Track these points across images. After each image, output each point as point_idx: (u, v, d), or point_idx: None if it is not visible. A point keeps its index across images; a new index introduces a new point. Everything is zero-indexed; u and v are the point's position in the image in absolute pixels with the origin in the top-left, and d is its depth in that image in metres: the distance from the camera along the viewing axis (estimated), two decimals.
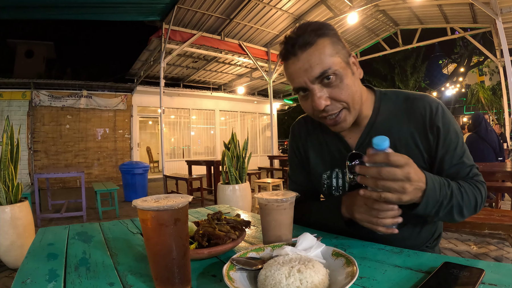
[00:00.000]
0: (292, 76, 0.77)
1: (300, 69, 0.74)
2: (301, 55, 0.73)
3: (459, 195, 0.74)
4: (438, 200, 0.70)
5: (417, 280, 0.53)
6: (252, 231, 0.93)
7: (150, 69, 10.00)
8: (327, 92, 0.75)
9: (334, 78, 0.73)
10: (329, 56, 0.73)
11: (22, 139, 8.50)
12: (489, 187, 3.50)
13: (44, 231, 0.96)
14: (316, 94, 0.74)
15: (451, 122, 0.80)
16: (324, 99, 0.74)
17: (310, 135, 0.98)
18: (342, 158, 0.88)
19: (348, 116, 0.78)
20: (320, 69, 0.72)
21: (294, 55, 0.75)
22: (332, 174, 0.91)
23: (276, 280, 0.48)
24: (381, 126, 0.84)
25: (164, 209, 0.51)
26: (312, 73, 0.73)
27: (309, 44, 0.73)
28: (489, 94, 15.65)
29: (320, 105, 0.74)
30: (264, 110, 13.85)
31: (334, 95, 0.75)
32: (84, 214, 4.42)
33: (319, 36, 0.74)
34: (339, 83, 0.74)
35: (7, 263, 2.66)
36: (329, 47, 0.74)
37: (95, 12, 6.25)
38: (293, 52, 0.74)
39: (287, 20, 8.56)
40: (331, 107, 0.76)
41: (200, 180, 5.50)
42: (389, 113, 0.84)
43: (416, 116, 0.81)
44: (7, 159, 2.63)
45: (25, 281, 0.58)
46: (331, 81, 0.74)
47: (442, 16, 8.47)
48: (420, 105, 0.81)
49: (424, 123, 0.80)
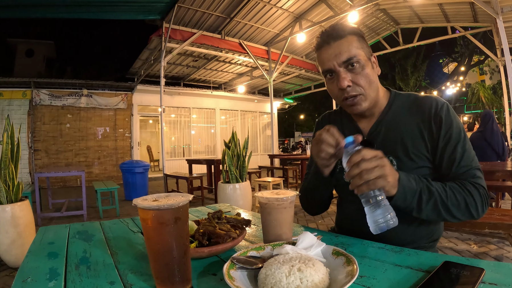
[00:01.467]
0: (323, 60, 0.90)
1: (331, 54, 0.88)
2: (333, 44, 0.88)
3: (443, 192, 0.78)
4: (415, 190, 0.76)
5: (417, 279, 0.53)
6: (253, 230, 0.93)
7: (151, 68, 9.99)
8: (350, 76, 0.88)
9: (357, 65, 0.87)
10: (355, 48, 0.88)
11: (22, 138, 8.50)
12: (490, 187, 3.50)
13: (44, 230, 0.96)
14: (341, 75, 0.88)
15: (455, 119, 0.88)
16: (347, 80, 0.87)
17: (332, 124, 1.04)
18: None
19: (363, 102, 0.90)
20: (347, 56, 0.87)
21: (327, 44, 0.89)
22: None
23: (277, 279, 0.49)
24: (391, 117, 0.94)
25: (165, 208, 0.51)
26: (341, 58, 0.87)
27: (340, 37, 0.88)
28: (490, 93, 15.63)
29: (344, 84, 0.87)
30: (264, 109, 13.84)
31: (355, 79, 0.88)
32: (85, 213, 4.43)
33: (350, 33, 0.89)
34: (361, 70, 0.88)
35: (8, 262, 2.66)
36: (356, 42, 0.89)
37: (95, 10, 6.23)
38: (327, 42, 0.89)
39: (288, 19, 8.55)
40: (351, 89, 0.88)
41: (200, 179, 5.50)
42: (400, 108, 0.94)
43: (423, 109, 0.90)
44: (7, 158, 2.63)
45: (25, 280, 0.58)
46: (355, 68, 0.87)
47: (443, 15, 8.45)
48: (428, 100, 0.91)
49: (429, 114, 0.88)
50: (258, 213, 1.05)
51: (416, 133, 0.89)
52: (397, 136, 0.90)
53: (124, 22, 20.64)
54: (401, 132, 0.90)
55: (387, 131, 0.93)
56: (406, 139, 0.89)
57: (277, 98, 14.08)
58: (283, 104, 14.88)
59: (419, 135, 0.89)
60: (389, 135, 0.92)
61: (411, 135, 0.89)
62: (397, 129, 0.91)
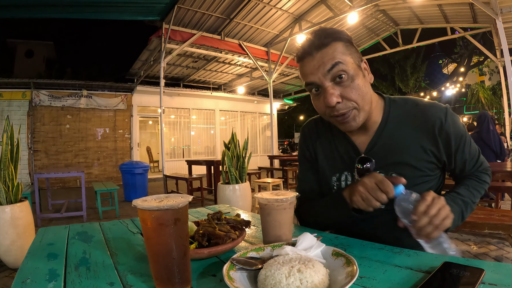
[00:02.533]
0: (306, 73, 0.81)
1: (314, 66, 0.79)
2: (316, 54, 0.78)
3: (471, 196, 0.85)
4: (460, 212, 0.80)
5: (417, 280, 0.53)
6: (252, 231, 0.93)
7: (150, 69, 10.00)
8: (338, 90, 0.78)
9: (345, 77, 0.77)
10: (341, 54, 0.78)
11: (22, 139, 8.50)
12: (489, 187, 3.50)
13: (44, 231, 0.96)
14: (328, 91, 0.78)
15: (459, 126, 0.86)
16: (336, 96, 0.78)
17: (320, 137, 0.99)
18: (351, 161, 0.90)
19: (357, 116, 0.81)
20: (331, 63, 0.77)
21: (310, 55, 0.80)
22: (341, 177, 0.93)
23: (276, 279, 0.48)
24: (391, 131, 0.87)
25: (164, 209, 0.51)
26: (325, 68, 0.77)
27: (324, 45, 0.78)
28: (489, 94, 15.64)
29: (332, 101, 0.77)
30: (264, 109, 13.85)
31: (345, 94, 0.78)
32: (84, 214, 4.42)
33: (334, 39, 0.79)
34: (350, 82, 0.78)
35: (7, 263, 2.66)
36: (342, 48, 0.79)
37: (95, 11, 6.24)
38: (309, 52, 0.79)
39: (287, 20, 8.56)
40: (342, 105, 0.79)
41: (200, 180, 5.50)
42: (399, 119, 0.87)
43: (426, 123, 0.84)
44: (7, 159, 2.63)
45: (25, 281, 0.58)
46: (343, 80, 0.78)
47: (442, 16, 8.46)
48: (431, 113, 0.84)
49: (433, 131, 0.84)
50: (257, 214, 1.05)
51: (418, 147, 0.85)
52: (397, 151, 0.85)
53: (124, 23, 20.69)
54: (401, 147, 0.85)
55: (386, 146, 0.86)
56: (408, 154, 0.84)
57: (277, 99, 14.09)
58: (282, 105, 14.88)
59: (421, 148, 0.85)
60: (388, 150, 0.86)
61: (413, 150, 0.85)
62: (397, 143, 0.86)
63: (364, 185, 0.72)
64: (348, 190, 0.80)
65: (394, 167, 0.85)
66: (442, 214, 0.67)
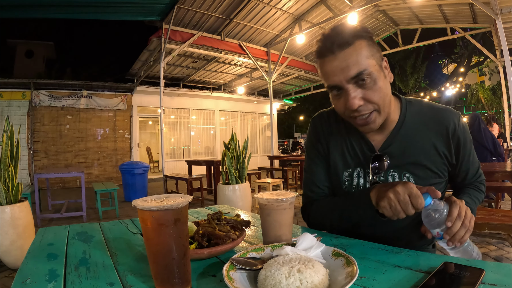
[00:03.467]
0: (328, 74, 0.78)
1: (337, 67, 0.75)
2: (339, 54, 0.75)
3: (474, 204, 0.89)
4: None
5: (417, 280, 0.53)
6: (252, 231, 0.93)
7: (150, 69, 10.00)
8: (360, 93, 0.77)
9: (368, 79, 0.75)
10: (366, 58, 0.75)
11: (22, 139, 8.50)
12: (489, 187, 3.50)
13: (44, 231, 0.96)
14: (350, 94, 0.76)
15: (468, 133, 0.89)
16: (358, 99, 0.76)
17: (333, 131, 0.96)
18: (365, 158, 0.90)
19: (377, 118, 0.81)
20: (357, 70, 0.74)
21: (332, 53, 0.76)
22: (354, 173, 0.91)
23: (276, 280, 0.48)
24: (408, 131, 0.87)
25: (164, 209, 0.51)
26: (349, 73, 0.74)
27: (348, 44, 0.74)
28: (489, 94, 15.65)
29: (354, 105, 0.76)
30: (264, 110, 13.85)
31: (367, 96, 0.77)
32: (84, 214, 4.42)
33: (357, 37, 0.75)
34: (373, 85, 0.76)
35: (7, 263, 2.66)
36: (365, 49, 0.76)
37: (95, 11, 6.24)
38: (331, 50, 0.76)
39: (287, 20, 8.56)
40: (363, 108, 0.78)
41: (200, 180, 5.50)
42: (415, 120, 0.88)
43: (441, 126, 0.86)
44: (7, 159, 2.63)
45: (25, 281, 0.58)
46: (366, 83, 0.76)
47: (442, 16, 8.47)
48: (445, 116, 0.87)
49: (447, 134, 0.86)
50: (257, 214, 1.05)
51: (433, 150, 0.86)
52: (412, 152, 0.86)
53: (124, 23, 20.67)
54: (416, 148, 0.86)
55: (401, 147, 0.86)
56: (423, 155, 0.85)
57: (277, 99, 14.09)
58: (282, 105, 14.88)
59: (435, 151, 0.86)
60: (403, 150, 0.86)
61: (427, 151, 0.86)
62: (412, 145, 0.86)
63: (396, 195, 0.67)
64: (375, 192, 0.75)
65: (408, 167, 0.85)
66: (469, 215, 0.69)
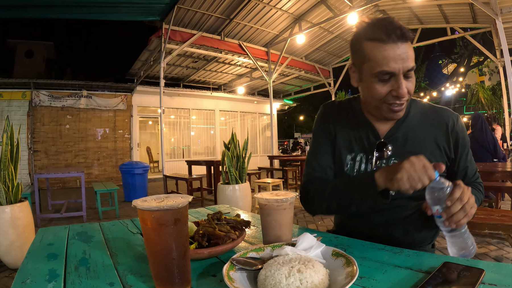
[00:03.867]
0: (387, 59, 0.81)
1: (400, 56, 0.80)
2: (402, 44, 0.80)
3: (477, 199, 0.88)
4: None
5: (417, 280, 0.53)
6: (252, 231, 0.93)
7: (150, 69, 10.00)
8: (406, 84, 0.84)
9: (412, 75, 0.84)
10: (413, 55, 0.84)
11: (22, 139, 8.50)
12: (489, 187, 3.50)
13: (44, 231, 0.96)
14: (403, 83, 0.83)
15: (465, 133, 0.95)
16: (406, 90, 0.84)
17: (341, 118, 1.01)
18: (370, 144, 0.94)
19: (404, 109, 0.89)
20: (413, 64, 0.82)
21: (393, 42, 0.80)
22: (357, 157, 0.95)
23: (276, 280, 0.48)
24: (411, 123, 0.93)
25: (164, 209, 0.51)
26: (408, 65, 0.81)
27: (407, 38, 0.81)
28: (489, 94, 15.64)
29: (405, 94, 0.83)
30: (264, 110, 13.85)
31: (409, 88, 0.85)
32: (84, 214, 4.42)
33: (411, 38, 0.83)
34: (412, 79, 0.85)
35: (7, 263, 2.66)
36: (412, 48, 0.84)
37: (95, 11, 6.24)
38: (393, 39, 0.80)
39: (287, 20, 8.56)
40: (405, 98, 0.85)
41: (200, 180, 5.49)
42: (419, 114, 0.95)
43: (441, 122, 0.93)
44: (7, 159, 2.63)
45: (25, 281, 0.58)
46: (411, 76, 0.84)
47: (442, 16, 8.47)
48: (445, 115, 0.94)
49: (447, 129, 0.92)
50: (257, 214, 1.05)
51: (433, 143, 0.91)
52: (415, 142, 0.91)
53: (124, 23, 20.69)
54: (418, 140, 0.91)
55: (405, 136, 0.92)
56: (424, 148, 0.90)
57: (277, 99, 14.08)
58: (282, 105, 14.88)
59: (436, 145, 0.91)
60: (406, 140, 0.92)
61: (428, 145, 0.91)
62: (414, 137, 0.92)
63: (413, 165, 0.69)
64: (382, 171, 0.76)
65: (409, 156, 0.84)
66: (471, 202, 0.69)
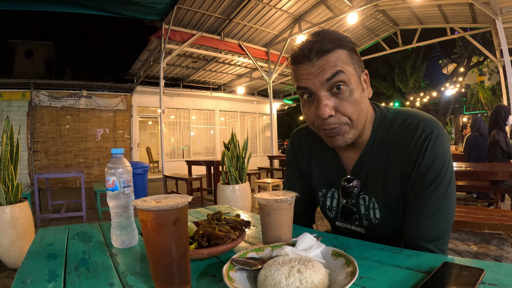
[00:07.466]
0: (300, 76, 0.72)
1: (312, 74, 0.70)
2: (316, 61, 0.70)
3: None
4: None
5: (417, 280, 0.53)
6: (252, 231, 0.93)
7: (150, 69, 9.99)
8: (333, 102, 0.71)
9: (344, 88, 0.70)
10: (344, 63, 0.70)
11: (22, 139, 8.50)
12: (489, 187, 3.50)
13: (44, 231, 0.96)
14: (323, 101, 0.70)
15: (440, 154, 0.71)
16: (330, 108, 0.70)
17: (313, 150, 0.95)
18: (339, 178, 0.87)
19: (347, 133, 0.74)
20: (332, 72, 0.69)
21: (308, 60, 0.71)
22: (328, 193, 0.91)
23: (276, 280, 0.48)
24: (376, 153, 0.79)
25: (164, 209, 0.51)
26: (324, 75, 0.69)
27: (326, 52, 0.69)
28: (489, 94, 15.66)
29: (325, 113, 0.70)
30: (264, 110, 13.85)
31: (340, 107, 0.71)
32: (84, 214, 4.42)
33: (338, 46, 0.70)
34: (348, 96, 0.71)
35: (7, 263, 2.66)
36: (345, 57, 0.71)
37: (94, 6, 6.18)
38: (308, 57, 0.70)
39: (287, 20, 8.56)
40: (334, 119, 0.72)
41: (200, 180, 5.49)
42: (385, 138, 0.78)
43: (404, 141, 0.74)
44: (7, 159, 2.63)
45: (25, 281, 0.58)
46: (341, 92, 0.70)
47: (442, 16, 8.47)
48: (412, 128, 0.74)
49: (408, 148, 0.73)
50: (257, 214, 1.05)
51: (397, 172, 0.75)
52: (378, 176, 0.78)
53: (124, 24, 20.70)
54: (382, 171, 0.77)
55: (369, 168, 0.80)
56: (387, 179, 0.77)
57: (277, 99, 14.09)
58: (282, 106, 14.88)
59: (399, 174, 0.75)
60: (371, 173, 0.80)
61: (392, 175, 0.76)
62: (379, 167, 0.78)
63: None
64: None
65: (377, 189, 0.79)
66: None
